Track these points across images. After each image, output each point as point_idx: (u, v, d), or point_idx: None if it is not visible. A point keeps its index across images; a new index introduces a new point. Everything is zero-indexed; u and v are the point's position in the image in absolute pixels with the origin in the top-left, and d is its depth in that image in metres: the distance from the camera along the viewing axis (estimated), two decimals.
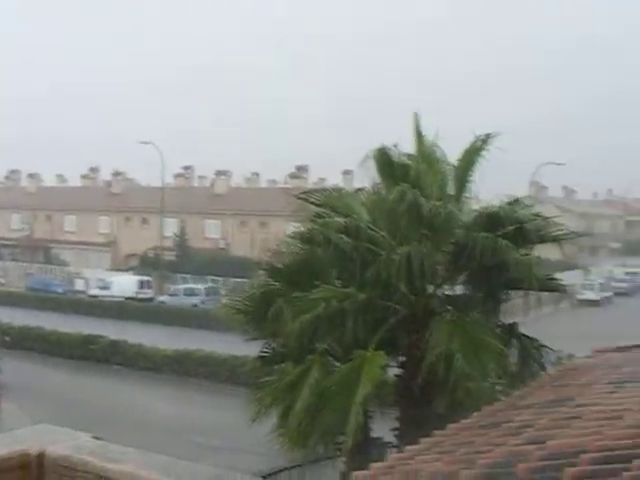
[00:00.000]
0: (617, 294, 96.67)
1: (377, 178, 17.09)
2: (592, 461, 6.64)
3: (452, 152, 17.78)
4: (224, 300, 37.79)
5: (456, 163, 17.43)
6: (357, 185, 18.03)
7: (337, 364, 16.14)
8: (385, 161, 16.48)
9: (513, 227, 15.62)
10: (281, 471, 20.35)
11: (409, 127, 17.59)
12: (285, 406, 15.77)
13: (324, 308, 15.13)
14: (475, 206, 17.19)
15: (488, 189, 17.77)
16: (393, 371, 16.81)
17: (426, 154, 17.27)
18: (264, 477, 19.11)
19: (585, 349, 16.40)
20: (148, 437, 29.64)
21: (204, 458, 25.48)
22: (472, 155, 17.16)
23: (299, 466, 19.25)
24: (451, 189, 17.43)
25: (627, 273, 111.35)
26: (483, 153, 17.03)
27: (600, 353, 14.26)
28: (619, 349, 14.01)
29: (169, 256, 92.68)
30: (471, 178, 17.33)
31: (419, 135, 17.50)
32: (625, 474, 5.93)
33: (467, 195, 17.53)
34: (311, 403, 14.61)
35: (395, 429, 16.85)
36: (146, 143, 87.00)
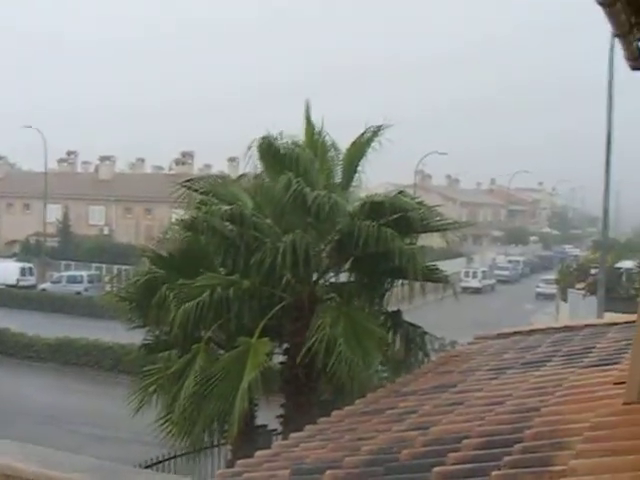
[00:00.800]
0: (500, 281, 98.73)
1: (261, 167, 16.97)
2: (474, 446, 6.75)
3: (341, 140, 17.91)
4: (108, 288, 37.31)
5: (345, 152, 17.49)
6: (243, 172, 17.91)
7: (222, 352, 16.10)
8: (269, 150, 16.37)
9: (397, 215, 15.66)
10: (165, 460, 20.18)
11: (300, 114, 17.62)
12: (170, 395, 15.65)
13: (208, 295, 15.00)
14: (363, 195, 17.22)
15: (375, 178, 17.86)
16: (280, 359, 16.81)
17: (314, 142, 17.28)
18: (148, 466, 18.94)
19: (467, 336, 16.66)
20: (29, 427, 29.16)
21: (87, 448, 25.16)
22: (362, 145, 17.25)
23: (184, 455, 19.11)
24: (339, 178, 17.50)
25: (509, 261, 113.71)
26: (373, 144, 17.16)
27: (481, 340, 14.49)
28: (500, 336, 14.24)
29: (52, 242, 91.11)
30: (359, 168, 17.41)
31: (308, 122, 17.50)
32: (506, 458, 6.04)
33: (355, 184, 17.60)
34: (196, 391, 14.48)
35: (280, 416, 16.86)
36: (28, 127, 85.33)
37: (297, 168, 15.69)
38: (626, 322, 12.03)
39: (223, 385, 14.28)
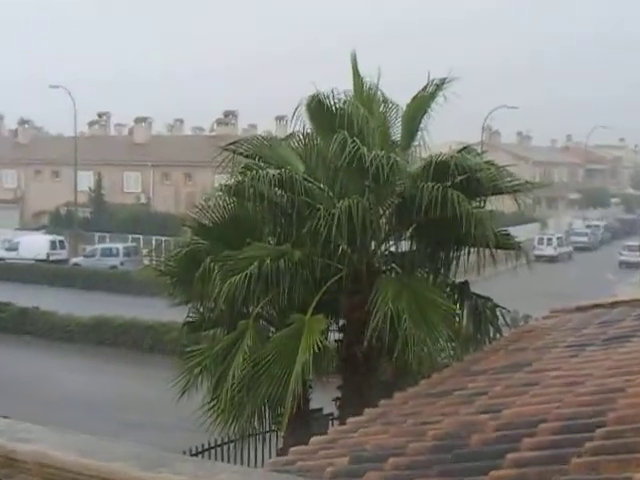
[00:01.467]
0: (577, 249, 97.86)
1: (311, 127, 16.98)
2: (552, 431, 6.73)
3: (398, 97, 17.78)
4: (146, 261, 37.59)
5: (405, 108, 17.36)
6: (292, 132, 17.83)
7: (273, 329, 16.30)
8: (320, 109, 16.26)
9: (463, 177, 15.54)
10: (212, 448, 20.35)
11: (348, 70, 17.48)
12: (216, 377, 15.78)
13: (257, 268, 14.99)
14: (425, 155, 16.99)
15: (439, 136, 17.71)
16: (335, 336, 16.83)
17: (365, 98, 17.19)
18: (194, 455, 19.10)
19: (542, 309, 16.57)
20: (64, 414, 29.53)
21: (126, 436, 25.44)
22: (424, 100, 17.11)
23: (233, 441, 19.28)
24: (397, 136, 17.45)
25: (588, 226, 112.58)
26: (437, 99, 17.01)
27: (558, 314, 14.41)
28: (579, 309, 14.15)
29: (84, 213, 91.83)
30: (421, 125, 17.27)
31: (356, 77, 17.39)
32: (587, 444, 6.01)
33: (416, 143, 17.46)
34: (245, 373, 14.59)
35: (337, 399, 16.92)
36: (56, 87, 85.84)
37: (351, 127, 15.53)
38: None
39: (275, 367, 14.38)
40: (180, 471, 2.34)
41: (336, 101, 16.29)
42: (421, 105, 17.15)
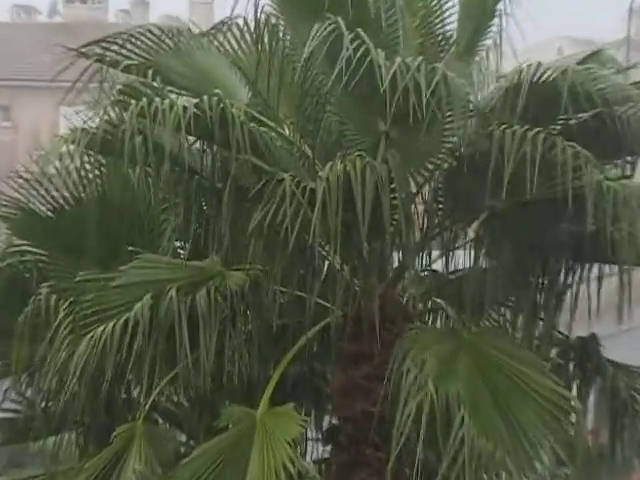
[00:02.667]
0: None
1: (272, 4, 16.36)
2: None
3: None
4: None
5: None
6: (228, 17, 17.11)
7: (186, 439, 16.08)
8: None
9: (589, 114, 14.87)
10: None
11: None
12: None
13: (149, 307, 14.35)
14: (508, 68, 16.26)
15: (537, 31, 17.18)
16: (317, 451, 16.70)
17: None
18: None
19: None
20: None
21: None
22: None
23: None
24: (450, 29, 17.16)
25: None
26: None
27: None
28: None
29: None
30: (499, 6, 16.77)
31: None
32: None
33: (489, 43, 17.08)
34: None
35: None
36: None
37: (355, 7, 14.81)
38: None
39: None
40: None
41: None
42: None
